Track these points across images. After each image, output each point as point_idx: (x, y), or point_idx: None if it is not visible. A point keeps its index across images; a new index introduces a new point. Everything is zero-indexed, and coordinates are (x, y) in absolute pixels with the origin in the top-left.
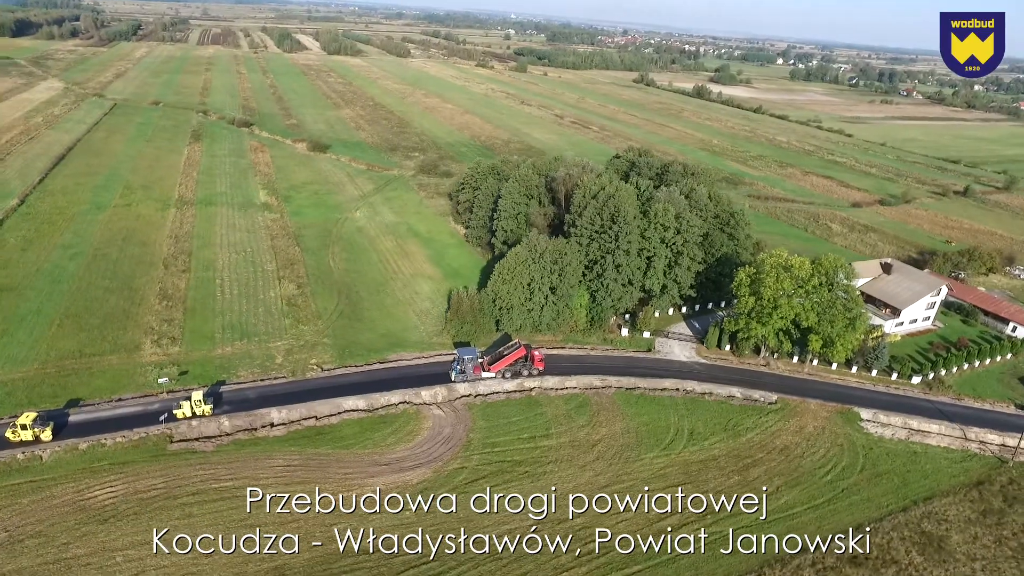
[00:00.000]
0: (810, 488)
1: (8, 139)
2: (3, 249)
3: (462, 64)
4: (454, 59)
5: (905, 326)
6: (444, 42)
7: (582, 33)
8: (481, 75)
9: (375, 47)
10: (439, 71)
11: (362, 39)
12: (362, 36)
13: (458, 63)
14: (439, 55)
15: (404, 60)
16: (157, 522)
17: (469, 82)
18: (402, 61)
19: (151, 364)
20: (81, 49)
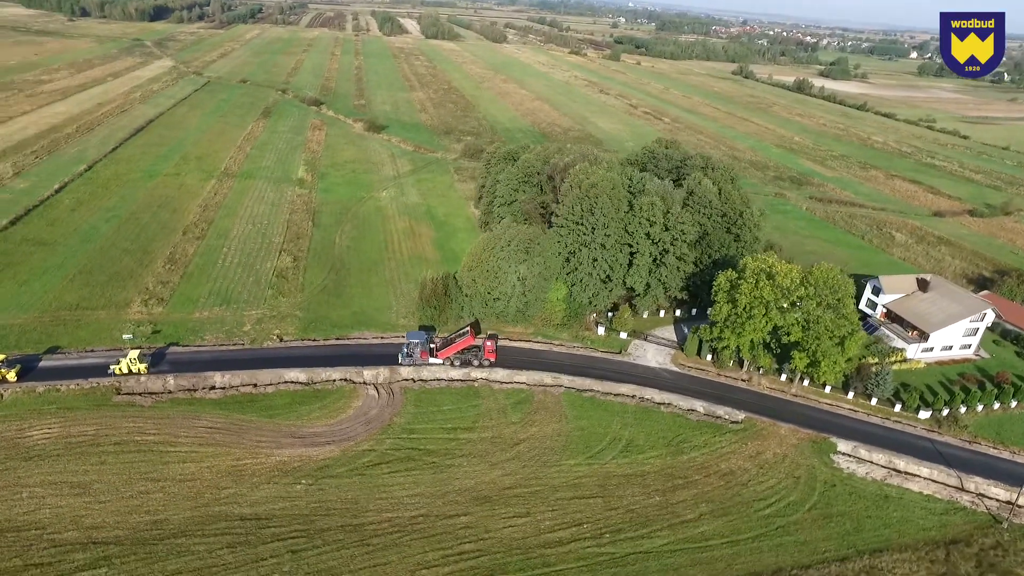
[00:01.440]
0: (739, 520)
1: (104, 111)
2: (56, 209)
3: (556, 51)
4: (550, 46)
5: (935, 353)
6: (546, 28)
7: (695, 22)
8: (570, 62)
9: (474, 32)
10: (528, 57)
11: (463, 24)
12: (464, 21)
13: (552, 50)
14: (536, 41)
15: (498, 46)
16: (73, 465)
17: (554, 69)
18: (495, 47)
19: (132, 321)
20: (202, 31)
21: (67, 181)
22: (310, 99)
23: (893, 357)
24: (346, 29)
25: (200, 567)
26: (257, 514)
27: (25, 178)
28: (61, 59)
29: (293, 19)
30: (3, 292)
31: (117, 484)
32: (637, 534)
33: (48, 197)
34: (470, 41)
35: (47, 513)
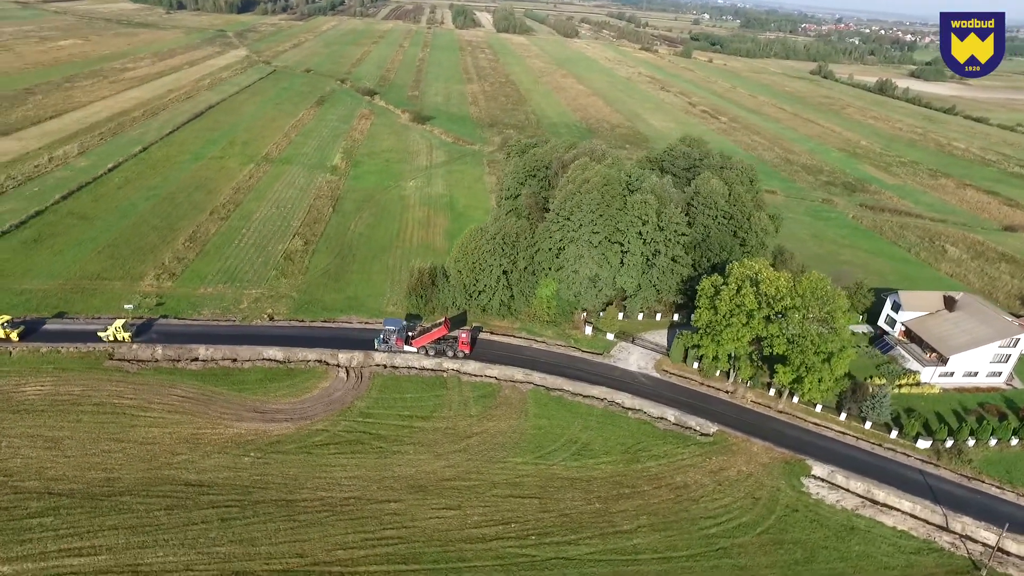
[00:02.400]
0: (678, 536)
1: (172, 97)
2: (105, 186)
3: (626, 47)
4: (622, 42)
5: (956, 378)
6: (622, 24)
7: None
8: (638, 59)
9: (547, 27)
10: (596, 52)
11: (538, 19)
12: (539, 16)
13: (623, 46)
14: (609, 37)
15: (568, 40)
16: (52, 421)
17: (620, 65)
18: (564, 41)
19: (141, 293)
20: (282, 23)
21: (121, 161)
22: (365, 89)
23: (904, 380)
24: (420, 22)
25: (135, 525)
26: (201, 481)
27: (87, 157)
28: (148, 49)
29: (371, 11)
30: (39, 260)
31: (85, 442)
32: (564, 539)
33: (101, 175)
34: (541, 35)
35: (18, 462)
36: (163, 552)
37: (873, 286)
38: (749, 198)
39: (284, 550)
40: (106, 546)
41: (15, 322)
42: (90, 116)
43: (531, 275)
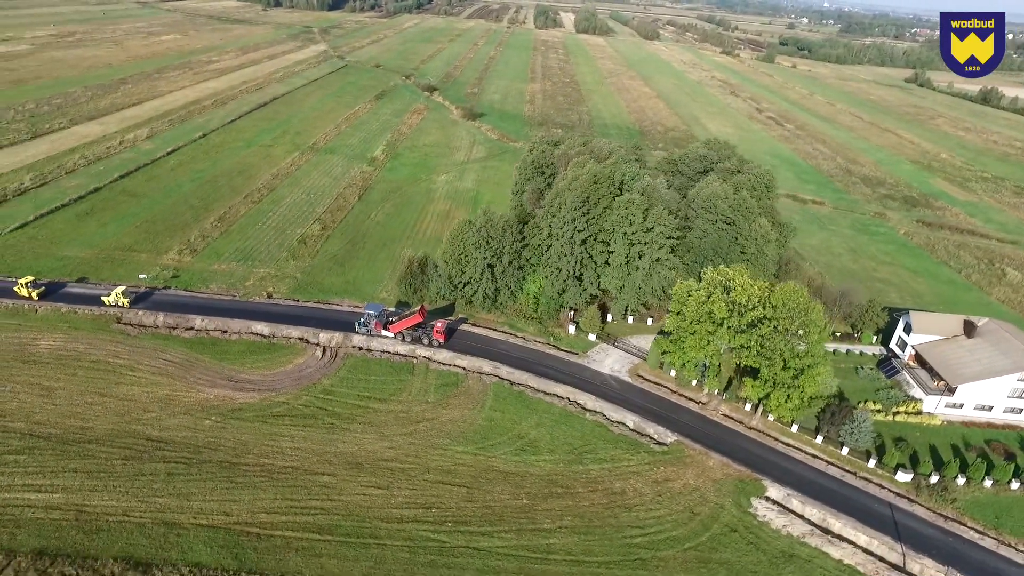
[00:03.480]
0: (597, 542)
1: (244, 88)
2: (160, 168)
3: (706, 50)
4: (704, 45)
5: (966, 411)
6: (709, 27)
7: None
8: (715, 62)
9: (629, 29)
10: (672, 55)
11: (622, 20)
12: (624, 17)
13: (703, 49)
14: (691, 40)
15: (647, 42)
16: (52, 373)
17: (694, 68)
18: (643, 43)
19: (162, 266)
20: (367, 20)
21: (180, 145)
22: (427, 85)
23: (903, 407)
24: (502, 21)
25: (93, 470)
26: (161, 437)
27: (152, 141)
28: (236, 44)
29: (455, 11)
30: (85, 230)
31: (74, 393)
32: (480, 530)
33: (159, 158)
34: (620, 37)
35: (14, 406)
36: (108, 497)
37: (902, 306)
38: (755, 204)
39: (214, 507)
40: (63, 486)
41: (38, 283)
42: (167, 104)
43: (517, 270)
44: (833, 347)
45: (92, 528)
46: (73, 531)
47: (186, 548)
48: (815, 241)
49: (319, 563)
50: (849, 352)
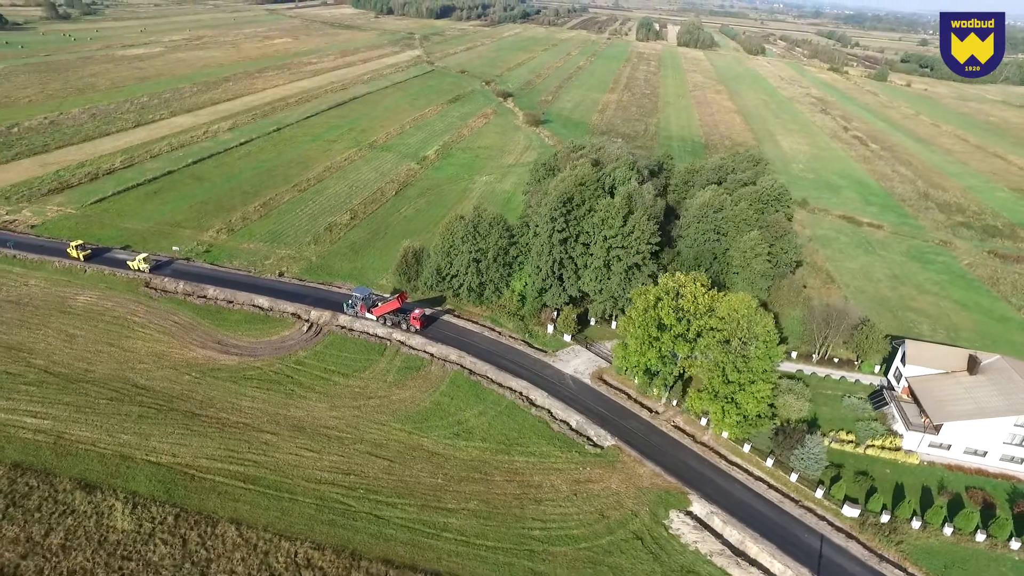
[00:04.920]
0: (493, 528)
1: (329, 88)
2: (230, 156)
3: (812, 67)
4: (812, 61)
5: (953, 453)
6: (823, 42)
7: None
8: (817, 79)
9: (738, 43)
10: (771, 70)
11: (730, 34)
12: (733, 32)
13: (809, 65)
14: (800, 55)
15: (749, 57)
16: (79, 323)
17: (790, 84)
18: (743, 57)
19: (199, 241)
20: (469, 28)
21: (254, 137)
22: (502, 92)
23: (879, 441)
24: (604, 33)
25: (81, 405)
26: (144, 386)
27: (232, 132)
28: (339, 47)
29: (560, 21)
30: (148, 207)
31: (90, 341)
32: (387, 500)
33: (232, 147)
34: (722, 51)
35: (41, 346)
36: (85, 428)
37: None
38: (752, 216)
39: (165, 448)
40: (54, 415)
41: (86, 246)
42: (256, 100)
43: (503, 266)
44: (826, 373)
45: (63, 452)
46: (48, 452)
47: (130, 478)
48: (855, 265)
49: (234, 506)
50: (843, 379)
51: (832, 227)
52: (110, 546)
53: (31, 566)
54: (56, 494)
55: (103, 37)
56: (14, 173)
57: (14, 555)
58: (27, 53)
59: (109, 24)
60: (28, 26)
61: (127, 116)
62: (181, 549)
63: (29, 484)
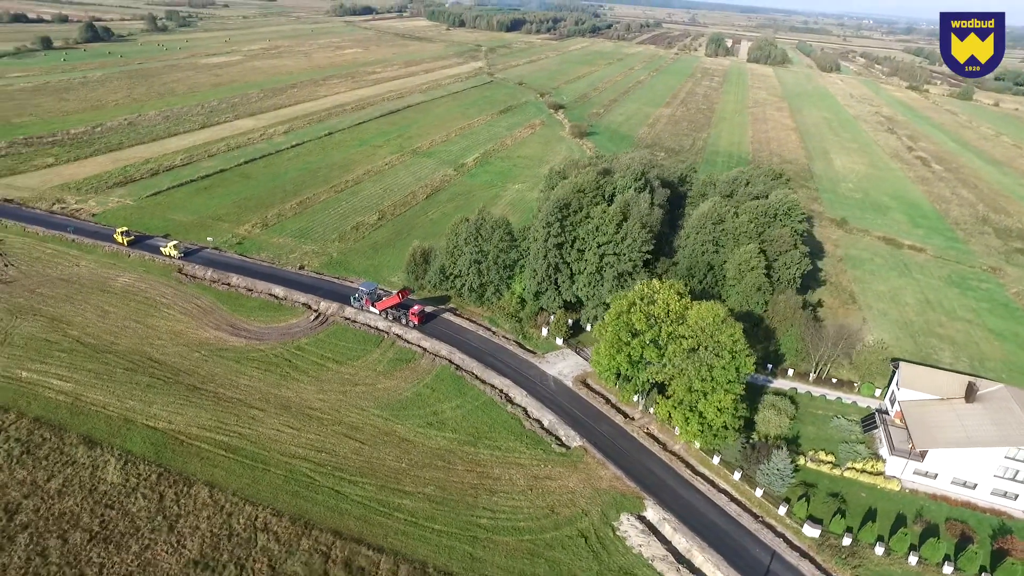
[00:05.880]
0: (443, 513)
1: (385, 96)
2: (280, 157)
3: (890, 85)
4: (892, 79)
5: (938, 483)
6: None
7: None
8: (892, 97)
9: (812, 59)
10: (842, 88)
11: (806, 51)
12: (808, 48)
13: (887, 83)
14: (879, 73)
15: (820, 74)
16: (114, 300)
17: (860, 102)
18: (814, 74)
19: (234, 234)
20: (537, 41)
21: (306, 140)
22: (555, 104)
23: (860, 464)
24: (672, 48)
25: (100, 372)
26: (158, 360)
27: (287, 136)
28: (404, 58)
29: (629, 36)
30: (196, 201)
31: (120, 318)
32: (349, 478)
33: (284, 149)
34: (794, 67)
35: (78, 319)
36: (100, 393)
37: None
38: (752, 229)
39: (164, 415)
40: (76, 379)
41: (129, 232)
42: (316, 106)
43: (503, 268)
44: (822, 393)
45: (77, 411)
46: (64, 411)
47: (128, 439)
48: (884, 287)
49: (211, 471)
50: (839, 400)
51: (868, 248)
52: (98, 495)
53: (30, 505)
54: (63, 446)
55: (191, 47)
56: (89, 167)
57: (19, 494)
58: (124, 62)
59: (199, 35)
60: (130, 37)
61: (195, 118)
62: (157, 503)
63: (43, 436)
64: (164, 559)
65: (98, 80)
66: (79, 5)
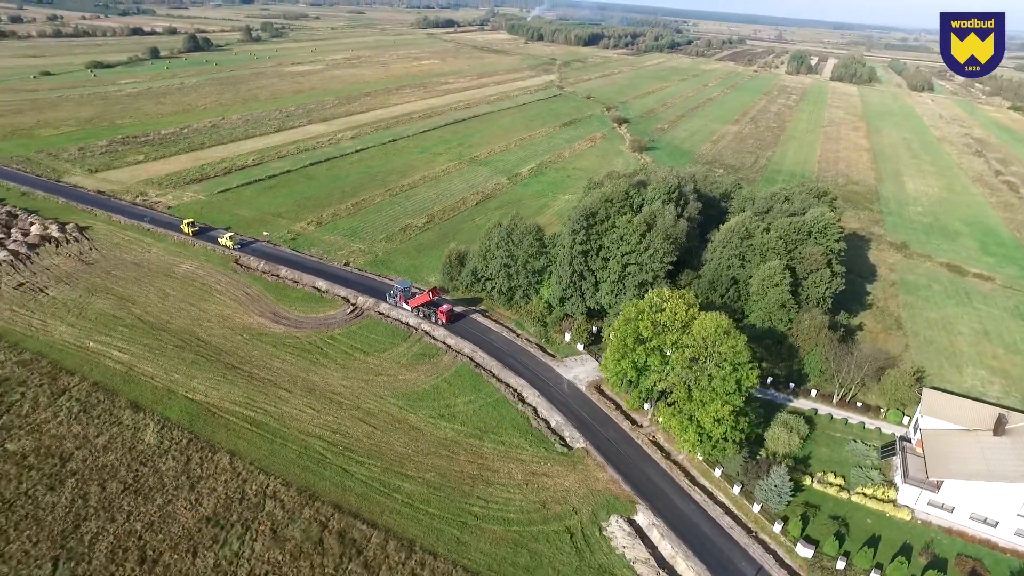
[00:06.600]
0: (439, 499)
1: (454, 106)
2: (344, 160)
3: (990, 105)
4: (994, 99)
5: (954, 516)
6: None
7: None
8: (989, 118)
9: (904, 78)
10: (932, 108)
11: (898, 69)
12: (899, 67)
13: (988, 103)
14: (979, 92)
15: (910, 93)
16: (174, 284)
17: (950, 123)
18: (903, 93)
19: (289, 230)
20: (613, 56)
21: (370, 146)
22: (619, 118)
23: (871, 490)
24: (752, 65)
25: (154, 347)
26: (205, 340)
27: (353, 141)
28: (477, 70)
29: (709, 53)
30: (261, 199)
31: (178, 300)
32: (357, 458)
33: (348, 153)
34: (880, 86)
35: (143, 299)
36: (150, 366)
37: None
38: (781, 245)
39: (201, 389)
40: (133, 352)
41: (194, 224)
42: (385, 114)
43: (532, 273)
44: (845, 416)
45: (129, 380)
46: (119, 378)
47: (167, 407)
48: (936, 315)
49: (235, 441)
50: (861, 425)
51: (927, 274)
52: (135, 453)
53: (79, 456)
54: (113, 409)
55: (279, 56)
56: (172, 165)
57: (72, 445)
58: (217, 69)
59: (288, 45)
60: (227, 47)
61: (272, 122)
62: (184, 465)
63: (98, 398)
64: (182, 513)
65: (192, 86)
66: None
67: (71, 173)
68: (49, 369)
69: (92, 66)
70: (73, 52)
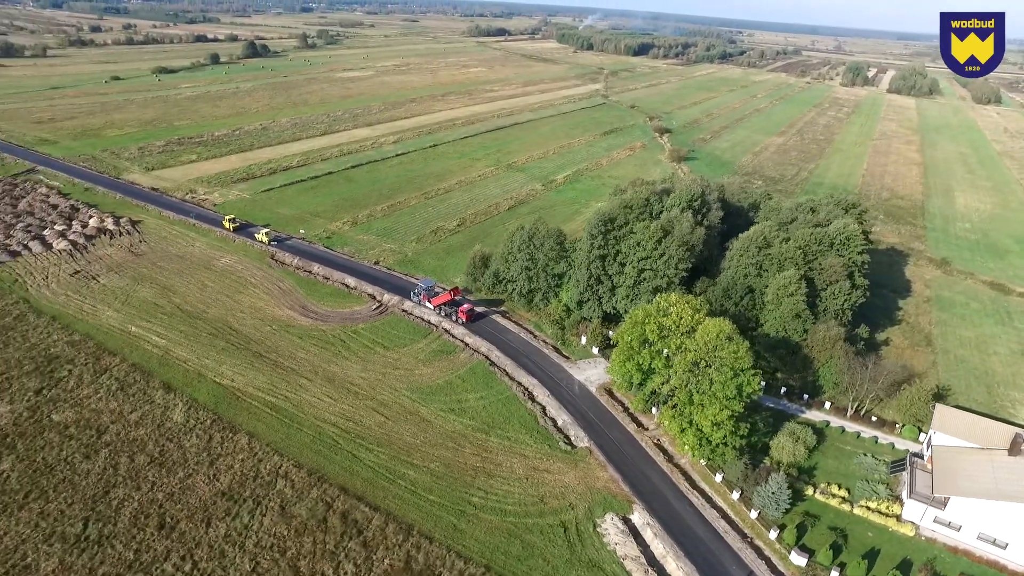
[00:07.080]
0: (440, 488)
1: (497, 113)
2: (384, 164)
3: None
4: None
5: (961, 535)
6: None
7: None
8: None
9: (968, 90)
10: (995, 122)
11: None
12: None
13: None
14: None
15: (973, 106)
16: (212, 277)
17: (1014, 138)
18: (965, 106)
19: (324, 229)
20: (662, 66)
21: (411, 150)
22: (661, 128)
23: (875, 503)
24: (806, 76)
25: (189, 333)
26: (237, 329)
27: (395, 145)
28: (524, 78)
29: (761, 64)
30: (301, 198)
31: (216, 292)
32: (367, 446)
33: (390, 157)
34: (941, 99)
35: (183, 290)
36: (184, 351)
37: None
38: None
39: (228, 374)
40: (169, 337)
41: (235, 220)
42: (429, 119)
43: (551, 276)
44: (857, 429)
45: (164, 363)
46: (155, 361)
47: (197, 389)
48: (971, 333)
49: (255, 424)
50: (874, 439)
51: (966, 291)
52: (163, 430)
53: (114, 429)
54: (147, 388)
55: (332, 62)
56: (221, 164)
57: (108, 419)
58: (272, 75)
59: (342, 51)
60: (283, 53)
61: (319, 126)
62: (206, 443)
63: (135, 378)
64: (200, 486)
65: (247, 90)
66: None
67: (130, 171)
68: (94, 349)
69: (157, 71)
70: (142, 58)
